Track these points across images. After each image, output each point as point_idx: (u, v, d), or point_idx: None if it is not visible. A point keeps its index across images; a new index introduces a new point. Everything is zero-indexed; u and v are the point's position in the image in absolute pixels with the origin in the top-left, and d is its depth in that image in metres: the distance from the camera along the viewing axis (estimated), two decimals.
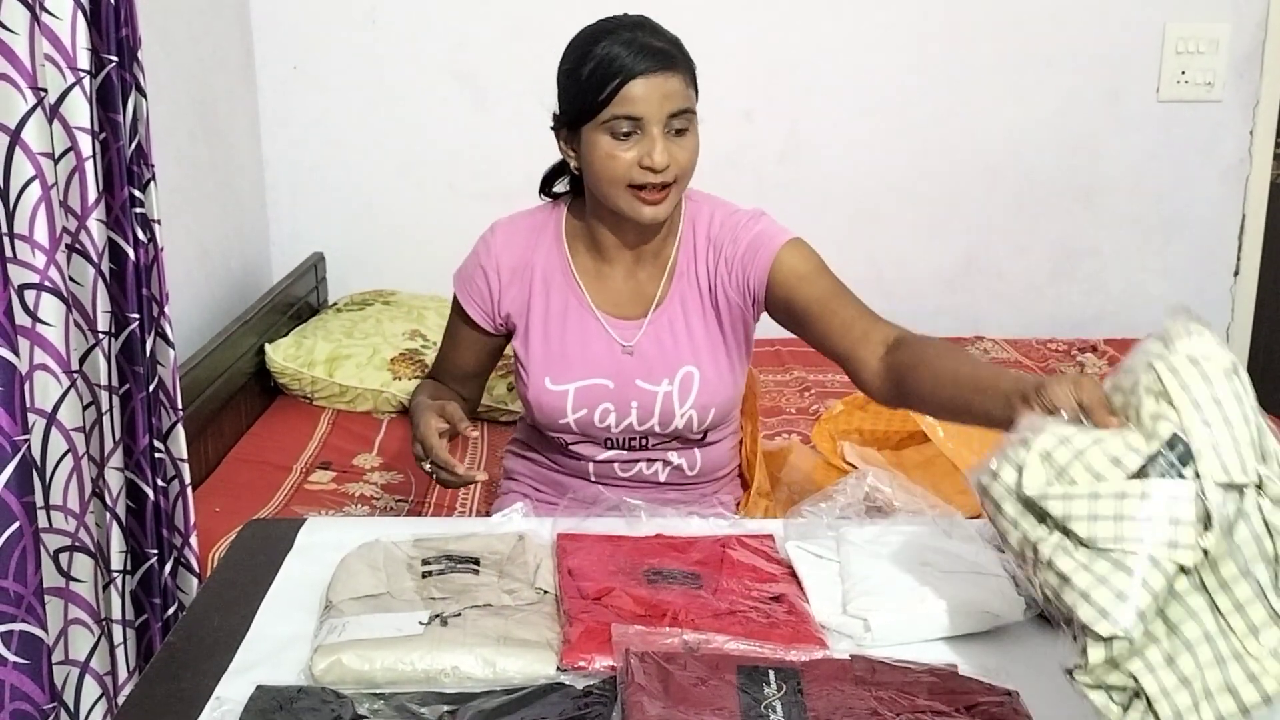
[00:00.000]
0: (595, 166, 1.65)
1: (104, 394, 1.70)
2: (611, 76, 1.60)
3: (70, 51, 1.57)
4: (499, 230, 1.81)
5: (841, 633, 1.30)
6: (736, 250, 1.72)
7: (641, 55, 1.60)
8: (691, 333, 1.75)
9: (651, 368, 1.74)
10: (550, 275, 1.77)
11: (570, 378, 1.74)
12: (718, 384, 1.76)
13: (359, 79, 3.20)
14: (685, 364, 1.74)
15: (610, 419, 1.75)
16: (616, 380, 1.74)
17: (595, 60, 1.62)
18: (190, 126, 2.70)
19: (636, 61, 1.60)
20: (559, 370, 1.74)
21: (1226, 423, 1.03)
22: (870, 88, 3.27)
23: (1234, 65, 3.29)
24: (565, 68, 1.68)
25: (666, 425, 1.75)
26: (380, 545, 1.42)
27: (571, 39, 1.70)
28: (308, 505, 2.22)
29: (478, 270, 1.79)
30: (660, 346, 1.75)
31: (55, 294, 1.54)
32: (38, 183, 1.50)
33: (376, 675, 1.19)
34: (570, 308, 1.76)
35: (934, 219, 3.37)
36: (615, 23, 1.67)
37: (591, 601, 1.30)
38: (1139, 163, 3.35)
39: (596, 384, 1.73)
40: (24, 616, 1.42)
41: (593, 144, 1.64)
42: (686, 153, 1.65)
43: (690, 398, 1.74)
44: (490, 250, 1.78)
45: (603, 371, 1.74)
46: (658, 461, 1.81)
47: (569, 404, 1.74)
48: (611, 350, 1.75)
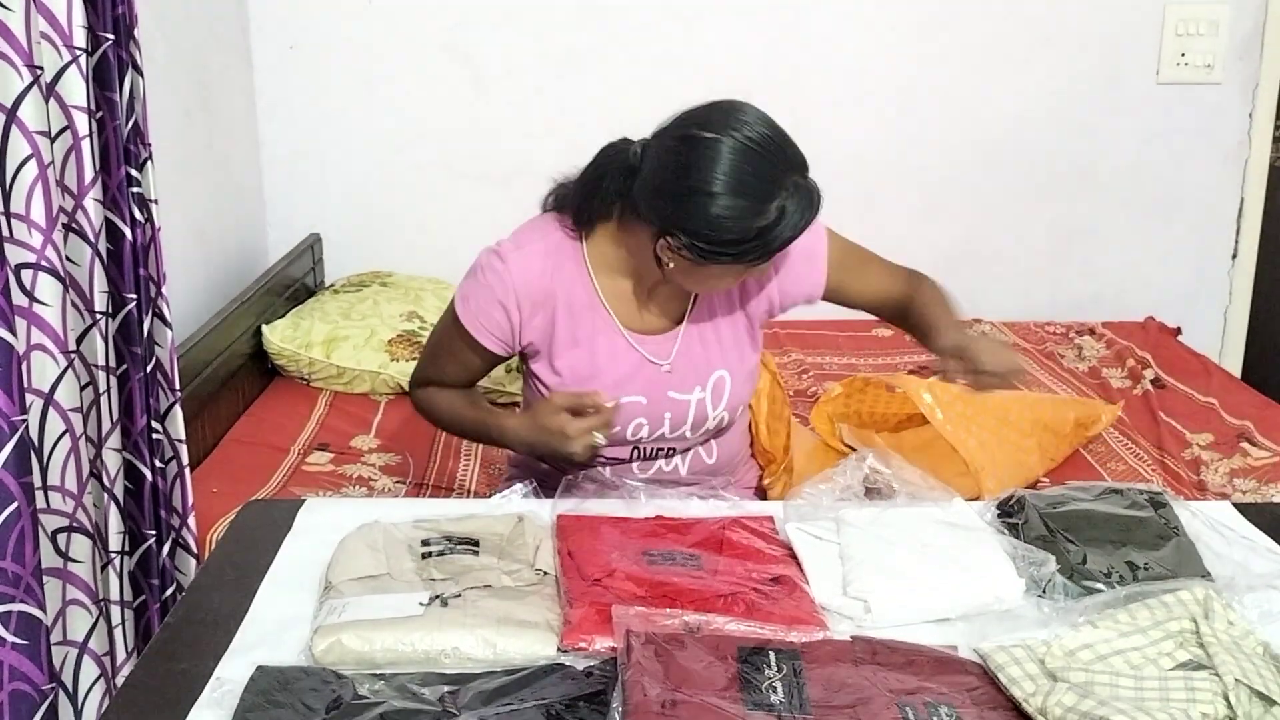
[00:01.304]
0: (707, 283, 1.63)
1: (102, 374, 1.69)
2: (787, 238, 1.53)
3: (66, 29, 1.56)
4: (512, 261, 1.66)
5: (841, 614, 1.30)
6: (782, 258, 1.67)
7: (808, 211, 1.53)
8: (721, 339, 1.74)
9: (685, 379, 1.72)
10: (573, 301, 1.69)
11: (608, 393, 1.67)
12: (746, 381, 1.77)
13: (355, 59, 3.18)
14: (717, 369, 1.73)
15: (643, 431, 1.73)
16: (649, 395, 1.70)
17: (769, 222, 1.50)
18: (187, 106, 2.68)
19: (806, 220, 1.53)
20: (597, 386, 1.68)
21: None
22: (869, 70, 3.26)
23: (1234, 47, 3.28)
24: (718, 211, 1.49)
25: (698, 429, 1.75)
26: (380, 526, 1.42)
27: (725, 165, 1.49)
28: (306, 487, 2.21)
29: (494, 305, 1.67)
30: (692, 357, 1.73)
31: (52, 274, 1.53)
32: (34, 162, 1.49)
33: (376, 656, 1.19)
34: (599, 331, 1.70)
35: (932, 201, 3.36)
36: (783, 165, 1.52)
37: (592, 583, 1.30)
38: (1138, 145, 3.34)
39: (629, 402, 1.69)
40: (22, 597, 1.42)
41: (720, 271, 1.57)
42: None
43: (723, 401, 1.74)
44: (506, 283, 1.66)
45: (635, 389, 1.69)
46: (676, 457, 1.79)
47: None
48: (643, 368, 1.71)
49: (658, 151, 1.56)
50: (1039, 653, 1.17)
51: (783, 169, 1.52)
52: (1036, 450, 2.22)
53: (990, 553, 1.37)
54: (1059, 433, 2.29)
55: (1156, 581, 1.31)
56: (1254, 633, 1.21)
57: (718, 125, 1.51)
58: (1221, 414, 2.60)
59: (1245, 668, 1.12)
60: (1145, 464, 2.37)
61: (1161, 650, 1.18)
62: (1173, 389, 2.77)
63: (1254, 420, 2.53)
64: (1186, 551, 1.39)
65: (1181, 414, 2.61)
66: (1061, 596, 1.32)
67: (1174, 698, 1.09)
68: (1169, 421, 2.57)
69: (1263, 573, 1.38)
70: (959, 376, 1.71)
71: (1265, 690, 1.10)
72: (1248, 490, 2.24)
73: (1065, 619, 1.25)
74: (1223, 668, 1.12)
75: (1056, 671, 1.14)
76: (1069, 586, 1.33)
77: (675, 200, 1.52)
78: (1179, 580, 1.30)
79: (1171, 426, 2.55)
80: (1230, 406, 2.62)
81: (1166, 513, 1.47)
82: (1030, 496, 1.50)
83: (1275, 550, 1.46)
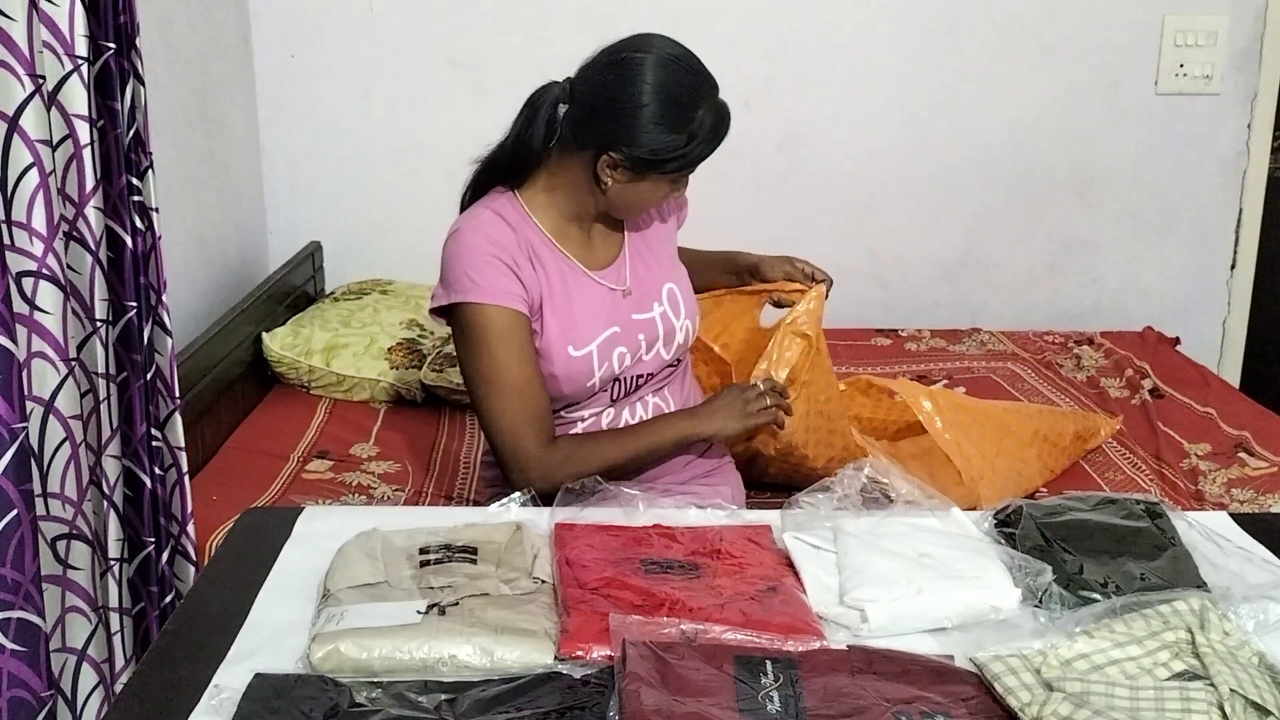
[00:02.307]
0: (640, 200, 1.81)
1: (102, 382, 1.70)
2: (712, 148, 1.75)
3: (68, 39, 1.57)
4: (472, 229, 1.79)
5: (839, 623, 1.30)
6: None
7: (725, 124, 1.76)
8: (656, 256, 1.94)
9: (642, 299, 1.88)
10: (539, 254, 1.81)
11: (587, 339, 1.81)
12: (689, 293, 1.96)
13: (356, 68, 3.19)
14: (665, 282, 1.92)
15: (626, 360, 1.85)
16: (621, 323, 1.84)
17: (696, 128, 1.72)
18: (188, 115, 2.69)
19: (724, 132, 1.75)
20: (576, 336, 1.80)
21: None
22: (869, 78, 3.27)
23: (1232, 58, 3.29)
24: (651, 120, 1.70)
25: (670, 343, 1.90)
26: (378, 534, 1.42)
27: (652, 79, 1.71)
28: (305, 494, 2.22)
29: (493, 264, 1.74)
30: (641, 278, 1.90)
31: (53, 282, 1.54)
32: (35, 170, 1.50)
33: (374, 664, 1.19)
34: (567, 276, 1.82)
35: (931, 210, 3.37)
36: (702, 79, 1.75)
37: (589, 591, 1.30)
38: (1137, 155, 3.35)
39: (608, 335, 1.82)
40: (21, 604, 1.42)
41: (651, 188, 1.79)
42: None
43: (681, 309, 1.92)
44: (487, 244, 1.76)
45: (607, 322, 1.83)
46: (639, 406, 1.91)
47: (594, 363, 1.81)
48: (607, 299, 1.85)
49: (588, 79, 1.76)
50: (1035, 662, 1.18)
51: (702, 81, 1.74)
52: (1036, 461, 2.22)
53: (987, 562, 1.38)
54: (1058, 445, 2.29)
55: (1153, 592, 1.31)
56: (1249, 643, 1.21)
57: (640, 46, 1.74)
58: (1220, 424, 2.60)
59: (1241, 678, 1.12)
60: (1143, 474, 2.37)
61: (1157, 660, 1.18)
62: (1171, 399, 2.77)
63: (1252, 430, 2.53)
64: (1183, 562, 1.39)
65: (1179, 424, 2.61)
66: (1058, 606, 1.32)
67: (1169, 708, 1.10)
68: (1167, 431, 2.58)
69: (1259, 583, 1.38)
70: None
71: (1260, 701, 1.10)
72: (1245, 500, 2.24)
73: (1061, 629, 1.25)
74: (1218, 678, 1.12)
75: (1052, 681, 1.14)
76: (1065, 596, 1.33)
77: (612, 117, 1.72)
78: (1175, 591, 1.30)
79: (1169, 436, 2.55)
80: (1228, 417, 2.63)
81: (1163, 523, 1.47)
82: (1027, 506, 1.50)
83: (1272, 561, 1.46)
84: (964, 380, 2.88)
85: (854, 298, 3.36)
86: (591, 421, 1.88)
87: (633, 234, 1.92)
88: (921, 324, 3.32)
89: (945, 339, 3.22)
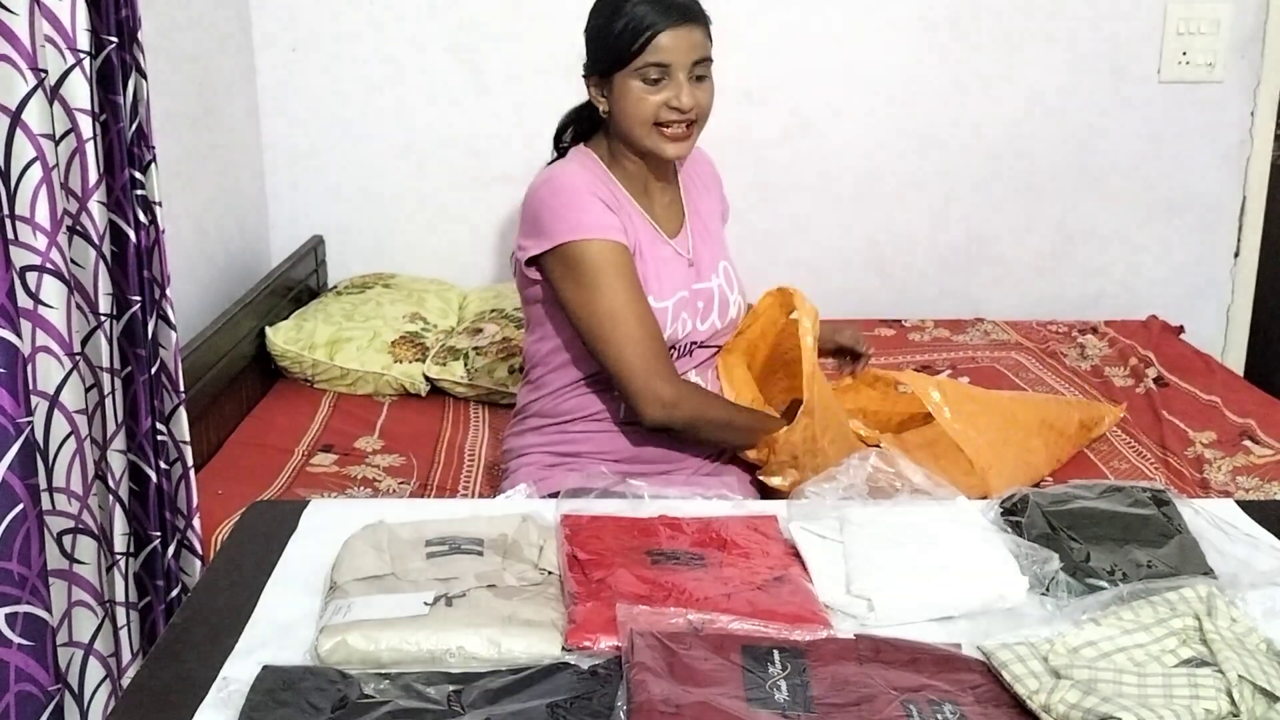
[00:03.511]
0: (627, 109, 1.85)
1: (106, 376, 1.70)
2: (644, 29, 1.80)
3: (70, 32, 1.56)
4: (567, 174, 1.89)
5: (845, 613, 1.30)
6: (705, 167, 2.10)
7: (669, 10, 1.81)
8: (711, 234, 2.04)
9: (702, 269, 1.98)
10: (622, 207, 1.89)
11: (666, 294, 1.90)
12: (737, 273, 2.05)
13: (358, 61, 3.18)
14: (720, 259, 2.02)
15: (691, 324, 1.94)
16: (687, 289, 1.94)
17: (627, 16, 1.81)
18: (190, 109, 2.69)
19: (664, 15, 1.80)
20: (657, 289, 1.88)
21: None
22: (872, 69, 3.26)
23: (1235, 46, 3.28)
24: (596, 22, 1.87)
25: (725, 316, 1.99)
26: (384, 526, 1.42)
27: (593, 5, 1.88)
28: (310, 488, 2.22)
29: (595, 203, 1.85)
30: (700, 250, 1.99)
31: (57, 276, 1.54)
32: (38, 164, 1.50)
33: (382, 655, 1.19)
34: (644, 232, 1.91)
35: (935, 201, 3.36)
36: None
37: (596, 582, 1.30)
38: (1140, 144, 3.34)
39: (681, 296, 1.92)
40: (28, 598, 1.42)
41: (624, 90, 1.84)
42: (708, 95, 1.88)
43: (734, 286, 2.02)
44: (586, 185, 1.86)
45: (680, 284, 1.93)
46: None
47: (669, 318, 1.89)
48: (678, 263, 1.95)
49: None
50: (1042, 650, 1.18)
51: None
52: (1043, 450, 2.22)
53: (994, 551, 1.37)
54: (1064, 433, 2.28)
55: (1159, 579, 1.31)
56: (1257, 629, 1.21)
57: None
58: (1224, 412, 2.60)
59: (1249, 664, 1.12)
60: (1148, 462, 2.37)
61: (1165, 647, 1.18)
62: (1175, 387, 2.77)
63: (1257, 418, 2.52)
64: (1189, 549, 1.39)
65: (1184, 412, 2.61)
66: (1065, 594, 1.32)
67: (1177, 694, 1.09)
68: (1172, 420, 2.57)
69: (1266, 570, 1.38)
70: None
71: (1269, 686, 1.10)
72: (1251, 488, 2.24)
73: (1068, 617, 1.25)
74: (1226, 664, 1.12)
75: (1060, 669, 1.14)
76: (1072, 584, 1.33)
77: (586, 46, 1.89)
78: (1182, 578, 1.30)
79: (1174, 425, 2.55)
80: (1233, 404, 2.62)
81: (1169, 510, 1.47)
82: (1033, 495, 1.50)
83: (1278, 547, 1.46)
84: (968, 370, 2.88)
85: (857, 288, 3.36)
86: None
87: (691, 210, 2.01)
88: (925, 314, 3.32)
89: (949, 329, 3.22)
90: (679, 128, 1.85)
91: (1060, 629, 1.22)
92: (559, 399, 1.95)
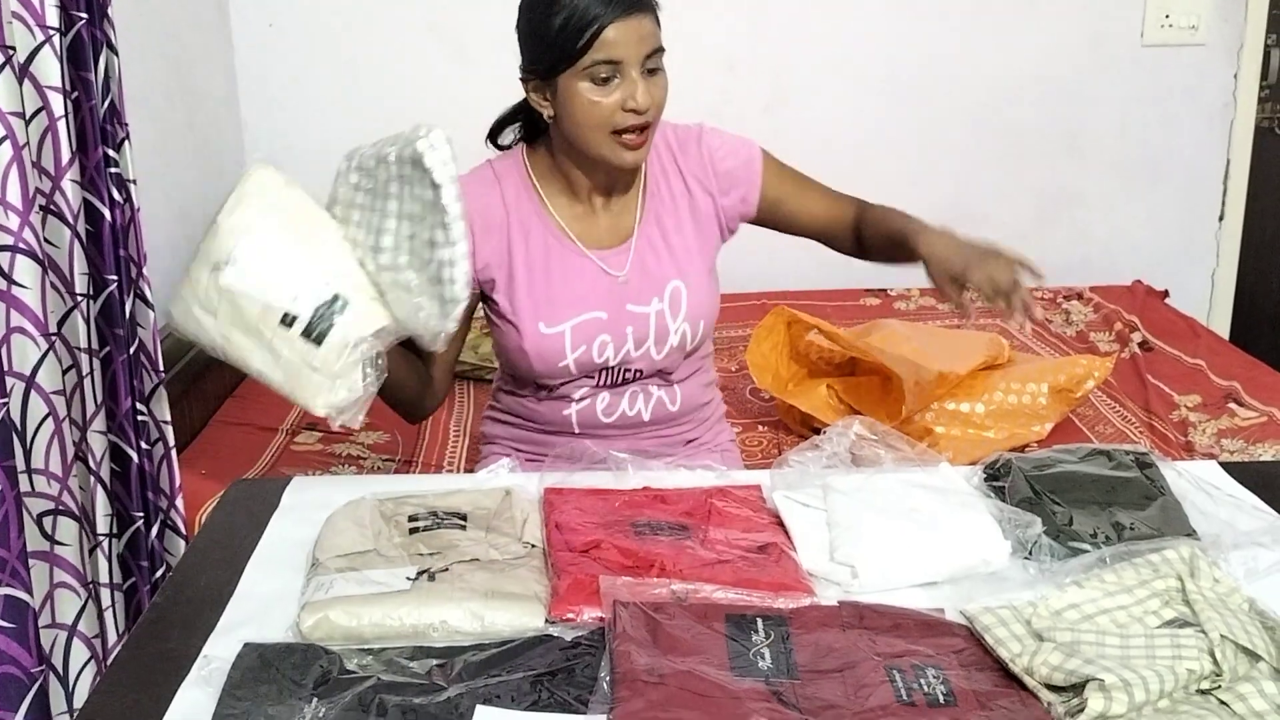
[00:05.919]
0: (577, 115, 1.65)
1: (84, 357, 1.69)
2: (588, 23, 1.59)
3: (39, 9, 1.54)
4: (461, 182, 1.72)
5: (829, 580, 1.30)
6: (715, 168, 1.80)
7: (612, 0, 1.60)
8: (672, 249, 1.78)
9: (641, 290, 1.76)
10: (526, 222, 1.75)
11: (563, 318, 1.73)
12: (703, 295, 1.80)
13: (337, 36, 3.15)
14: (671, 279, 1.77)
15: (608, 351, 1.75)
16: (609, 310, 1.74)
17: (567, 9, 1.60)
18: (165, 86, 2.66)
19: (609, 5, 1.59)
20: (550, 313, 1.73)
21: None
22: (853, 36, 3.24)
23: (1218, 8, 3.27)
24: (530, 17, 1.66)
25: (662, 345, 1.77)
26: (366, 503, 1.42)
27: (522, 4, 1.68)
28: (295, 466, 2.21)
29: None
30: (646, 268, 1.77)
31: (30, 256, 1.52)
32: (9, 143, 1.48)
33: (364, 631, 1.18)
34: (552, 250, 1.75)
35: (918, 167, 3.35)
36: None
37: (579, 554, 1.30)
38: (1123, 107, 3.33)
39: (590, 318, 1.73)
40: (8, 580, 1.42)
41: (571, 92, 1.64)
42: (662, 91, 1.67)
43: (681, 312, 1.77)
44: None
45: (594, 304, 1.74)
46: (640, 395, 1.81)
47: (567, 344, 1.72)
48: (599, 282, 1.75)
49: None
50: (1025, 614, 1.18)
51: None
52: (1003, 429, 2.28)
53: (976, 516, 1.38)
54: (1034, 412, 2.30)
55: (1142, 541, 1.31)
56: (1239, 589, 1.22)
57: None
58: (1209, 375, 2.60)
59: (1231, 624, 1.12)
60: (1133, 426, 2.38)
61: (1147, 609, 1.18)
62: (1160, 351, 2.77)
63: (1241, 381, 2.53)
64: (1172, 510, 1.39)
65: (1169, 376, 2.62)
66: (1048, 558, 1.32)
67: (1160, 655, 1.10)
68: (1156, 384, 2.58)
69: (1249, 530, 1.38)
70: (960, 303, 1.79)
71: (1250, 646, 1.10)
72: (1235, 450, 2.24)
73: (1051, 580, 1.26)
74: (1208, 624, 1.12)
75: (1043, 632, 1.14)
76: (1055, 548, 1.33)
77: (520, 46, 1.70)
78: (1165, 539, 1.31)
79: (1159, 389, 2.55)
80: (1218, 368, 2.63)
81: (1153, 473, 1.47)
82: (1016, 459, 1.50)
83: (1261, 508, 1.46)
84: None
85: (842, 258, 3.32)
86: (586, 404, 1.80)
87: (648, 224, 1.78)
88: (910, 283, 3.31)
89: (934, 297, 3.20)
90: (636, 134, 1.65)
91: (1043, 592, 1.22)
92: (517, 399, 1.87)
